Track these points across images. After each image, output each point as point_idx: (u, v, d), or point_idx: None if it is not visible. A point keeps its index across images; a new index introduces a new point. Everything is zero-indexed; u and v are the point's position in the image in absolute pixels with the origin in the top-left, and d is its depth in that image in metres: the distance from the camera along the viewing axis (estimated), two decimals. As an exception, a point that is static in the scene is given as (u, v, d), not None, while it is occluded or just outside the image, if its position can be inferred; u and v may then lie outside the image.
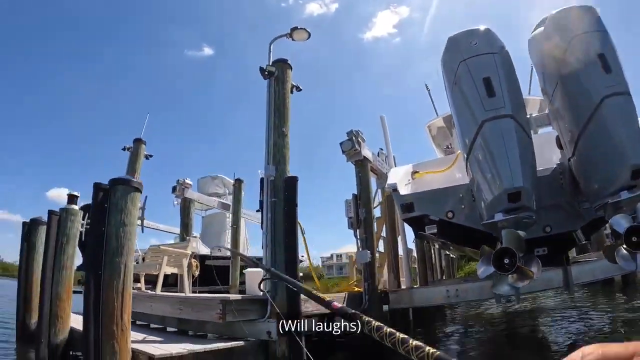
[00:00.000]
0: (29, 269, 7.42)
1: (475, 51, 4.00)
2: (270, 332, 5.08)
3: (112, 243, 4.07)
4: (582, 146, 3.78)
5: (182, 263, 7.76)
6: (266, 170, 5.94)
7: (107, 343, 3.89)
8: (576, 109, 3.81)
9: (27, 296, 7.32)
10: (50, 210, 6.54)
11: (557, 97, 4.09)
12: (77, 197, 6.69)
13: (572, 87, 3.86)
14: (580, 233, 4.55)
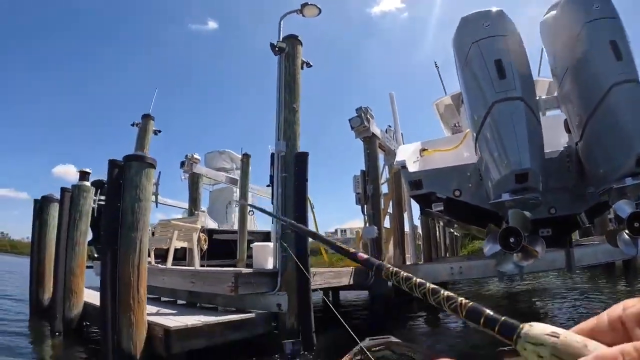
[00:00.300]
0: (41, 245, 7.54)
1: (488, 33, 3.99)
2: (280, 305, 5.24)
3: (128, 218, 4.20)
4: (590, 131, 3.81)
5: (191, 237, 7.91)
6: (277, 146, 6.01)
7: (124, 316, 4.05)
8: (585, 94, 3.83)
9: (40, 272, 7.46)
10: (63, 187, 6.63)
11: (567, 81, 4.10)
12: (89, 174, 6.80)
13: (582, 72, 3.87)
14: (584, 216, 4.62)
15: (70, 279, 5.96)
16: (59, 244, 6.32)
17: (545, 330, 0.31)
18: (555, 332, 0.31)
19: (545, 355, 0.30)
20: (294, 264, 5.40)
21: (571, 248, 5.52)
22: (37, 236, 7.69)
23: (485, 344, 5.26)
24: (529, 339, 0.32)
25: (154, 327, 4.18)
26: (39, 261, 7.51)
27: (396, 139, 9.84)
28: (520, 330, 0.33)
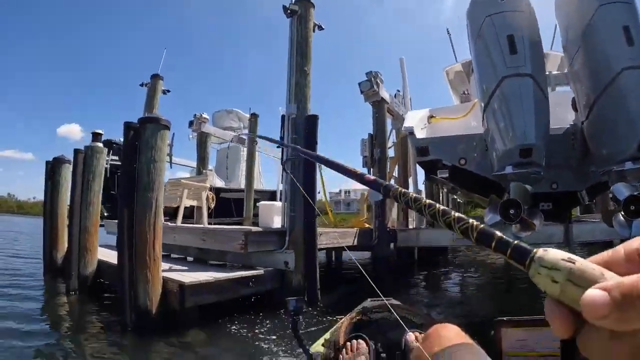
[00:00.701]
0: (54, 205, 7.71)
1: (502, 7, 3.99)
2: (288, 263, 5.51)
3: (144, 179, 4.35)
4: (596, 112, 3.86)
5: (200, 196, 8.10)
6: (288, 109, 6.09)
7: (141, 272, 4.26)
8: (595, 75, 3.85)
9: (53, 232, 7.63)
10: (76, 148, 6.75)
11: (578, 59, 4.11)
12: (101, 135, 6.91)
13: (594, 53, 3.88)
14: (585, 194, 4.72)
15: (84, 237, 6.15)
16: (73, 204, 6.47)
17: (561, 256, 0.31)
18: (571, 258, 0.30)
19: (560, 280, 0.30)
20: (301, 223, 5.63)
21: (570, 223, 5.68)
22: (49, 197, 7.86)
23: (483, 311, 5.52)
24: (543, 263, 0.31)
25: (169, 283, 4.41)
26: (51, 221, 7.69)
27: (404, 104, 9.88)
28: (534, 254, 0.32)
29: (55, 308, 5.64)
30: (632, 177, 3.51)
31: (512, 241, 0.35)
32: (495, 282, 8.61)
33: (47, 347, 3.85)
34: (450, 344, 0.91)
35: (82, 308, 5.49)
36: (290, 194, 5.85)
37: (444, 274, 10.08)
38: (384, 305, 1.88)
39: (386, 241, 7.77)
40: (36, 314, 5.15)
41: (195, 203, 8.19)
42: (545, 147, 3.74)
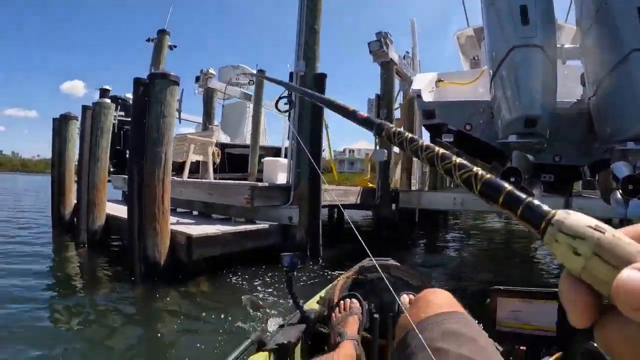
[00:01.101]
0: (62, 162, 7.75)
1: None
2: (292, 218, 5.69)
3: (153, 134, 4.43)
4: (603, 90, 3.85)
5: (207, 151, 8.22)
6: (296, 66, 6.08)
7: (150, 225, 4.41)
8: (605, 53, 3.81)
9: (61, 188, 7.72)
10: (84, 105, 6.75)
11: (590, 36, 4.06)
12: (109, 91, 6.94)
13: (606, 32, 3.83)
14: (587, 169, 4.75)
15: (93, 192, 6.25)
16: (81, 160, 6.55)
17: (587, 222, 0.25)
18: (599, 226, 0.24)
19: (584, 252, 0.24)
20: (307, 180, 5.76)
21: (571, 197, 5.76)
22: (57, 153, 7.90)
23: (479, 276, 5.68)
24: (563, 228, 0.25)
25: (177, 235, 4.57)
26: (59, 177, 7.76)
27: (413, 67, 9.79)
28: (552, 216, 0.26)
29: (65, 261, 5.84)
30: (633, 157, 3.55)
31: (524, 197, 0.29)
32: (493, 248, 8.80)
33: (59, 298, 4.06)
34: (440, 310, 0.87)
35: (91, 260, 5.67)
36: (297, 150, 5.93)
37: (443, 237, 10.28)
38: (382, 264, 1.87)
39: (388, 201, 7.91)
40: (47, 267, 5.35)
41: (201, 158, 8.30)
42: (550, 119, 3.77)
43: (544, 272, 6.50)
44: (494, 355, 0.75)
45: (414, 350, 0.78)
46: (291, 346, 1.54)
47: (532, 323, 1.17)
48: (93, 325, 3.41)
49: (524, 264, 7.18)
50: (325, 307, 1.70)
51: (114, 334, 3.24)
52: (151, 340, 3.13)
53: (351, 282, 1.78)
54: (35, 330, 3.12)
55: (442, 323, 0.82)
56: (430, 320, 0.84)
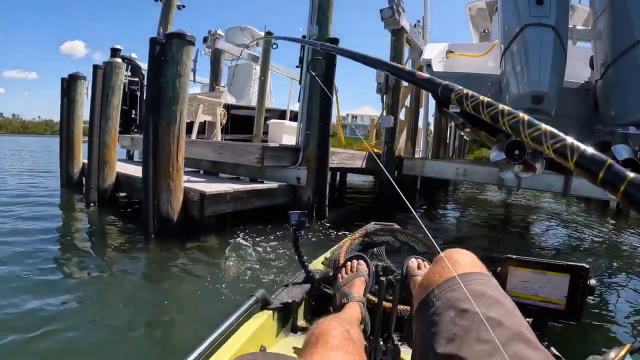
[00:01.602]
0: (70, 122, 7.84)
1: None
2: (300, 178, 5.91)
3: (169, 93, 4.55)
4: (611, 74, 3.94)
5: (215, 112, 8.34)
6: (309, 29, 6.12)
7: (164, 182, 4.59)
8: (616, 38, 3.89)
9: (70, 147, 7.82)
10: (95, 64, 6.74)
11: (602, 20, 4.12)
12: (120, 50, 6.95)
13: (618, 17, 3.89)
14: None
15: (104, 151, 6.36)
16: (92, 119, 6.61)
17: None
18: None
19: None
20: (315, 142, 5.92)
21: (570, 175, 5.91)
22: (65, 113, 7.96)
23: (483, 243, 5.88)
24: None
25: (190, 193, 4.75)
26: (68, 137, 7.86)
27: (424, 36, 9.75)
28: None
29: (77, 219, 6.03)
30: (633, 141, 3.69)
31: (627, 173, 0.28)
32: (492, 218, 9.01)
33: (73, 254, 4.22)
34: (464, 271, 0.82)
35: (102, 218, 5.84)
36: (307, 112, 6.04)
37: (444, 206, 10.51)
38: (387, 229, 1.92)
39: (392, 168, 8.08)
40: (58, 225, 5.52)
41: (209, 118, 8.43)
42: (557, 98, 3.89)
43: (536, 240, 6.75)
44: (521, 319, 0.71)
45: (438, 311, 0.75)
46: (295, 305, 1.56)
47: (541, 295, 1.16)
48: (108, 278, 3.59)
49: (516, 233, 7.42)
50: (331, 268, 1.71)
51: (127, 288, 3.42)
52: (163, 293, 3.30)
53: (357, 244, 1.81)
54: (50, 286, 3.27)
55: (468, 284, 0.77)
56: (455, 280, 0.79)
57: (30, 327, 2.49)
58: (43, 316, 2.70)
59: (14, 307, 2.81)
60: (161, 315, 2.92)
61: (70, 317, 2.74)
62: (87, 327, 2.61)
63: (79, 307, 2.94)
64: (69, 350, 2.34)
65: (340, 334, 0.88)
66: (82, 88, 7.91)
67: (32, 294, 3.04)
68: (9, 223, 5.14)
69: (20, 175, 11.09)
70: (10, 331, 2.42)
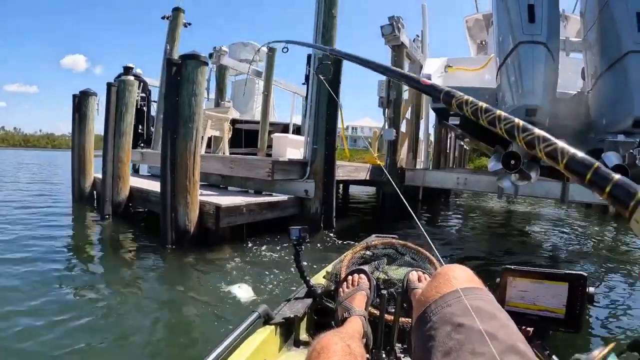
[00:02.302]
0: (81, 137, 8.06)
1: None
2: (307, 191, 6.16)
3: (185, 111, 4.82)
4: (600, 85, 4.24)
5: (222, 127, 8.62)
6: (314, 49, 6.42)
7: (181, 196, 4.84)
8: (604, 51, 4.18)
9: (81, 162, 8.02)
10: (109, 82, 6.99)
11: (592, 33, 4.43)
12: (132, 69, 7.24)
13: (607, 31, 4.19)
14: None
15: (118, 166, 6.58)
16: (106, 135, 6.80)
17: None
18: None
19: None
20: (322, 155, 6.19)
21: (567, 182, 6.18)
22: (77, 128, 8.17)
23: (480, 255, 6.07)
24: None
25: (206, 205, 5.00)
26: (79, 151, 8.05)
27: (423, 50, 10.08)
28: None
29: (93, 231, 6.17)
30: (622, 148, 3.96)
31: (613, 175, 0.30)
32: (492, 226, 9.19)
33: (93, 265, 4.43)
34: (460, 286, 0.85)
35: (119, 230, 6.02)
36: (314, 127, 6.32)
37: (445, 214, 10.73)
38: (388, 242, 1.94)
39: (395, 178, 8.33)
40: (76, 237, 5.74)
41: (217, 133, 8.70)
42: (550, 109, 4.17)
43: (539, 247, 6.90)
44: (516, 333, 0.74)
45: (435, 326, 0.78)
46: (297, 320, 1.57)
47: (541, 304, 1.16)
48: (128, 287, 3.76)
49: (516, 239, 7.59)
50: (332, 282, 1.74)
51: (147, 296, 3.59)
52: (181, 301, 3.47)
53: (358, 258, 1.83)
54: (69, 294, 3.44)
55: (464, 299, 0.81)
56: (451, 296, 0.83)
57: (51, 337, 2.60)
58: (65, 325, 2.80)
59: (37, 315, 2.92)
60: (180, 323, 3.08)
61: (92, 324, 2.87)
62: (109, 334, 2.73)
63: (102, 314, 3.08)
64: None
65: (341, 349, 0.91)
66: (93, 104, 8.19)
67: (55, 303, 3.19)
68: (26, 235, 5.34)
69: (32, 188, 11.33)
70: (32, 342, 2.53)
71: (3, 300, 3.14)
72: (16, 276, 3.76)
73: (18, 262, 4.17)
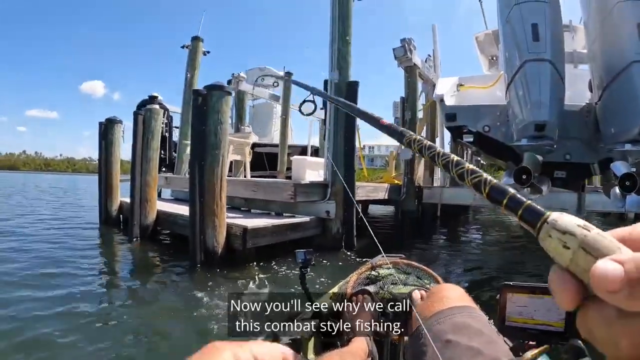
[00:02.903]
0: (108, 163, 8.45)
1: None
2: (329, 212, 6.37)
3: (211, 139, 5.13)
4: (607, 96, 4.39)
5: (244, 151, 8.93)
6: (330, 75, 6.72)
7: (209, 219, 5.12)
8: (609, 62, 4.35)
9: (108, 186, 8.39)
10: (135, 111, 7.43)
11: (596, 45, 4.62)
12: (157, 97, 7.64)
13: (609, 43, 4.37)
14: (596, 166, 5.25)
15: (145, 190, 6.91)
16: (134, 161, 7.16)
17: (577, 221, 0.28)
18: (587, 225, 0.28)
19: (572, 246, 0.28)
20: (342, 177, 6.42)
21: (583, 192, 6.27)
22: (104, 154, 8.56)
23: (496, 272, 6.15)
24: (557, 226, 0.29)
25: (233, 227, 5.27)
26: (106, 176, 8.41)
27: (435, 69, 10.34)
28: (548, 216, 0.30)
29: (123, 252, 6.48)
30: (631, 156, 4.10)
31: (524, 200, 0.34)
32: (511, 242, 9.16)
33: (125, 283, 4.71)
34: (451, 305, 0.91)
35: (147, 251, 6.30)
36: (333, 150, 6.57)
37: (464, 231, 10.80)
38: (393, 262, 1.95)
39: (412, 197, 8.50)
40: (108, 258, 6.04)
41: (238, 157, 9.01)
42: (558, 124, 4.34)
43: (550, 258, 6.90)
44: (501, 348, 0.79)
45: (426, 342, 0.83)
46: (304, 341, 1.60)
47: (540, 318, 1.09)
48: (161, 304, 4.02)
49: (536, 251, 7.57)
50: (338, 303, 1.70)
51: (178, 312, 3.83)
52: (209, 318, 3.65)
53: (364, 278, 1.84)
54: (105, 309, 3.72)
55: (453, 316, 0.86)
56: (442, 314, 0.88)
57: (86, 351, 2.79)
58: (101, 339, 2.99)
59: (78, 332, 3.12)
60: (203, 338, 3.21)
61: (128, 341, 3.06)
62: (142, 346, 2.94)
63: (136, 330, 3.30)
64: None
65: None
66: (118, 131, 8.60)
67: (94, 316, 3.45)
68: (60, 255, 5.68)
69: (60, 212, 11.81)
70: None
71: (40, 318, 3.37)
72: (56, 290, 4.09)
73: (56, 277, 4.55)
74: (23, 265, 5.06)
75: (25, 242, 6.63)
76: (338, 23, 6.76)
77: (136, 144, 7.28)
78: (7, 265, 4.99)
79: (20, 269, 4.89)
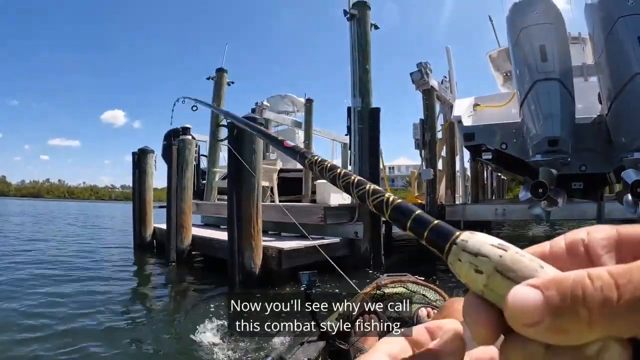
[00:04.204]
0: (141, 191, 8.93)
1: (535, 20, 4.85)
2: (357, 233, 6.70)
3: (247, 168, 5.52)
4: (616, 107, 4.67)
5: (272, 177, 9.30)
6: (353, 102, 7.14)
7: (247, 242, 5.50)
8: (615, 75, 4.64)
9: (142, 213, 8.84)
10: (167, 142, 7.92)
11: (602, 59, 4.92)
12: (189, 129, 8.12)
13: (614, 57, 4.67)
14: (612, 175, 5.48)
15: (181, 217, 7.31)
16: (170, 189, 7.59)
17: (490, 241, 0.24)
18: (502, 245, 0.23)
19: (486, 270, 0.23)
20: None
21: (601, 201, 6.47)
22: (137, 183, 9.05)
23: None
24: (467, 248, 0.24)
25: (269, 250, 5.64)
26: (140, 204, 8.88)
27: (451, 90, 10.65)
28: (457, 237, 0.26)
29: (162, 276, 6.85)
30: None
31: (431, 220, 0.29)
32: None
33: (166, 305, 5.07)
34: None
35: (184, 274, 6.67)
36: (358, 173, 6.87)
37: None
38: (399, 280, 1.97)
39: (435, 215, 8.67)
40: (146, 281, 6.43)
41: (266, 183, 9.36)
42: (570, 138, 4.63)
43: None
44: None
45: None
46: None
47: None
48: (202, 324, 4.16)
49: None
50: (345, 324, 1.70)
51: (219, 330, 4.03)
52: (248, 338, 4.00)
53: (370, 298, 1.85)
54: (152, 329, 4.06)
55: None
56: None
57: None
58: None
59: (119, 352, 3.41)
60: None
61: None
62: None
63: (179, 340, 3.64)
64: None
65: None
66: (151, 160, 9.09)
67: (134, 337, 3.75)
68: (102, 281, 6.06)
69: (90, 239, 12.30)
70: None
71: (82, 337, 3.70)
72: (98, 312, 4.46)
73: (98, 301, 4.92)
74: (71, 288, 5.55)
75: (69, 266, 7.17)
76: (358, 54, 7.18)
77: (171, 173, 7.72)
78: (53, 288, 5.48)
79: (68, 288, 5.42)
